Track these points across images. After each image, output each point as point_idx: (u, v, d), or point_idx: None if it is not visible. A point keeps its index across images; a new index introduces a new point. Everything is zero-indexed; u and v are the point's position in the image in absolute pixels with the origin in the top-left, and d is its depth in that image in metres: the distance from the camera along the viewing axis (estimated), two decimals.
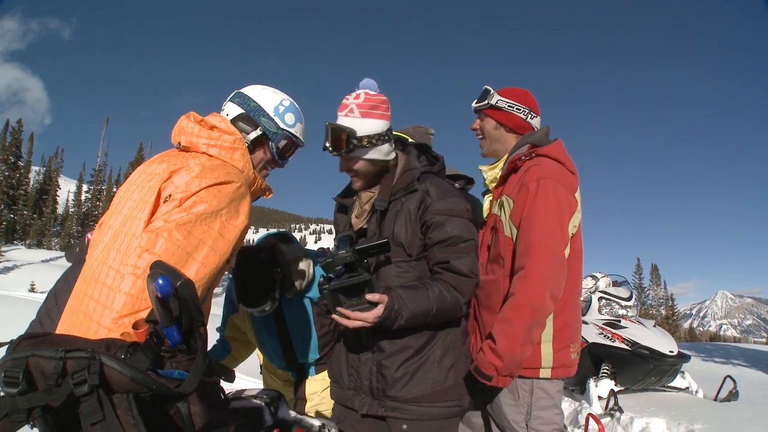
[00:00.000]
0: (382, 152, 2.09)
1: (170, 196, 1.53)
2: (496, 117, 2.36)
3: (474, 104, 2.43)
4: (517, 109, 2.34)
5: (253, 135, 1.87)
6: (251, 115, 1.88)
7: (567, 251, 2.10)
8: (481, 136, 2.43)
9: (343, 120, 2.04)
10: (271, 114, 1.90)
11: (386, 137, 2.08)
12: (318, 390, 2.69)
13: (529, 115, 2.35)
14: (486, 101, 2.36)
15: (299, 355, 2.68)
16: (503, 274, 2.14)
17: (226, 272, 1.98)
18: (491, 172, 2.36)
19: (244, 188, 1.66)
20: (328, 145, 2.04)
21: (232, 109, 1.90)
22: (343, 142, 2.01)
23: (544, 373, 2.12)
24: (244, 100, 1.90)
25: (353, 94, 2.07)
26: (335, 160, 2.15)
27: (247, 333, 2.85)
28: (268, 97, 1.92)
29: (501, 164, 2.33)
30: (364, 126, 2.03)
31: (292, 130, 1.93)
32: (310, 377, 2.73)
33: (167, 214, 1.49)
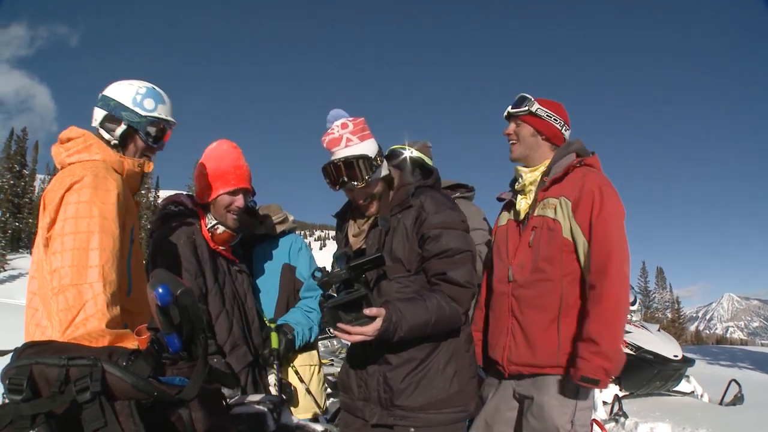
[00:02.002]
0: (386, 167, 2.16)
1: (45, 214, 1.72)
2: (535, 124, 2.39)
3: (510, 109, 2.44)
4: (554, 119, 2.39)
5: (119, 131, 1.96)
6: (113, 114, 1.96)
7: None
8: (515, 141, 2.45)
9: (346, 151, 2.05)
10: (130, 106, 1.97)
11: (382, 153, 2.15)
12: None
13: (564, 127, 2.42)
14: (525, 107, 2.39)
15: None
16: (560, 275, 2.22)
17: None
18: (531, 175, 2.40)
19: (103, 171, 1.78)
20: (346, 179, 2.03)
21: (97, 114, 1.99)
22: (364, 170, 2.03)
23: None
24: (105, 102, 1.98)
25: (336, 126, 2.08)
26: None
27: None
28: (123, 91, 1.99)
29: (542, 168, 2.39)
30: (370, 148, 2.07)
31: (154, 114, 2.00)
32: None
33: (50, 231, 1.67)
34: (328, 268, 2.03)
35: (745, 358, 10.26)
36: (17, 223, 45.16)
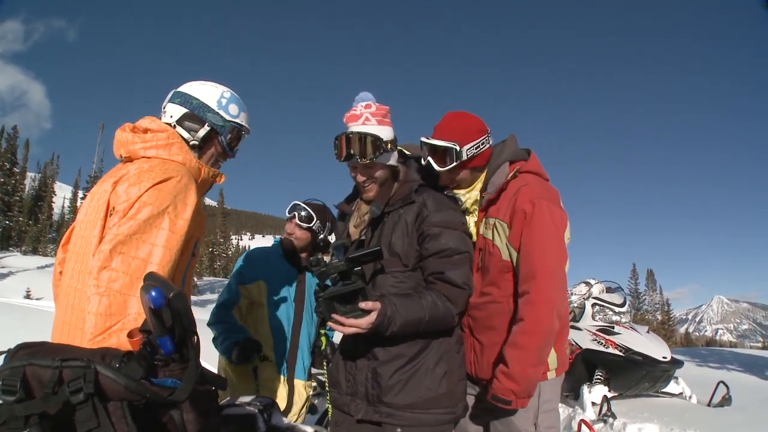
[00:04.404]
0: (395, 158, 2.18)
1: (114, 208, 1.59)
2: (469, 165, 2.25)
3: (438, 168, 2.21)
4: (481, 144, 2.24)
5: (202, 132, 1.91)
6: (196, 113, 1.90)
7: (567, 266, 2.16)
8: (456, 185, 2.30)
9: (360, 128, 2.08)
10: (215, 108, 1.92)
11: (396, 144, 2.17)
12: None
13: (488, 142, 2.28)
14: (456, 160, 2.18)
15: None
16: (505, 295, 2.18)
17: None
18: (470, 195, 2.29)
19: (186, 179, 1.69)
20: (353, 152, 2.06)
21: (174, 110, 1.91)
22: (372, 148, 2.05)
23: (551, 374, 2.22)
24: (185, 99, 1.92)
25: (361, 105, 2.12)
26: (334, 166, 2.20)
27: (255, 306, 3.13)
28: (209, 92, 1.94)
29: (478, 185, 2.30)
30: (384, 132, 2.10)
31: (237, 120, 1.97)
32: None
33: (115, 226, 1.54)
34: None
35: (733, 361, 10.35)
36: (7, 222, 44.69)
